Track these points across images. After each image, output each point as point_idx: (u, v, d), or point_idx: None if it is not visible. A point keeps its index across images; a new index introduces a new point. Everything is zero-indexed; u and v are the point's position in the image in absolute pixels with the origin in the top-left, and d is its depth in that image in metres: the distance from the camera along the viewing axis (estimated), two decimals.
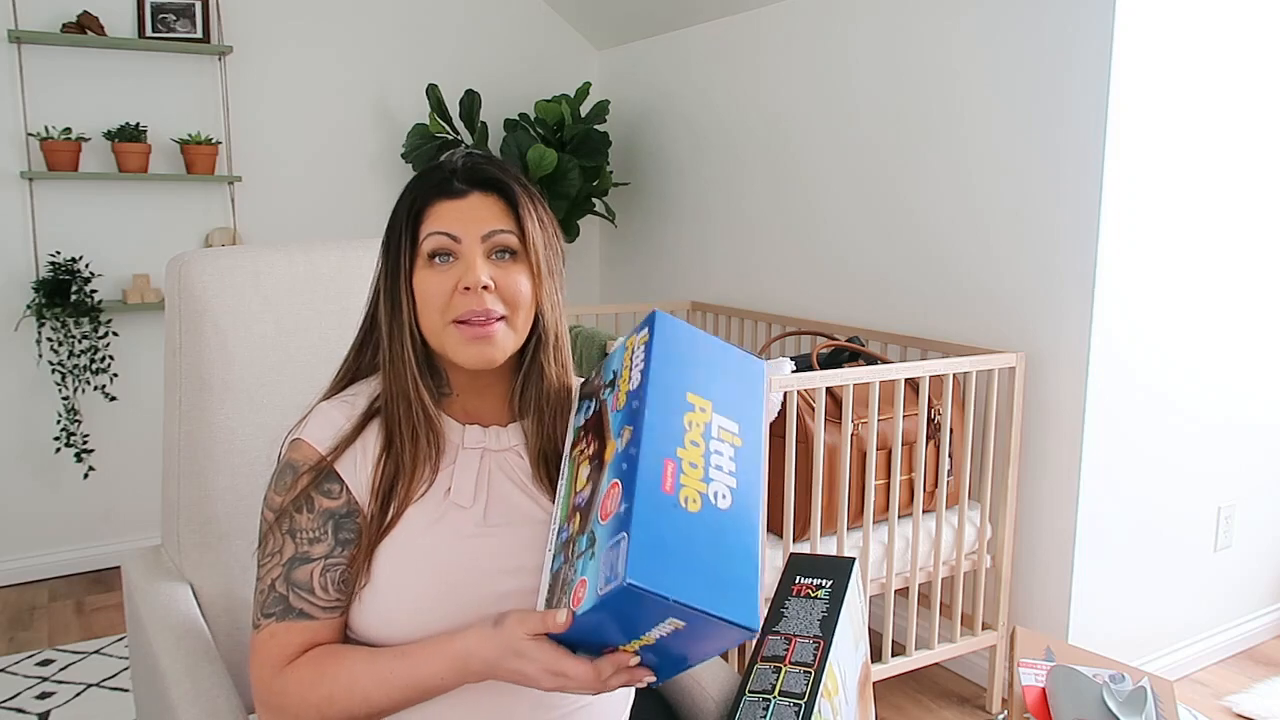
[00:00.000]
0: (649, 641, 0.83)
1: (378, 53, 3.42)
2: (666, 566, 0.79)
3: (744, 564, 0.84)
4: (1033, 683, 1.19)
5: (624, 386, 0.94)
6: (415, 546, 0.98)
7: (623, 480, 0.84)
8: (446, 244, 0.98)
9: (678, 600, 0.78)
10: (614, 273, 3.92)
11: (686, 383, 0.93)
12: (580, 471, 0.94)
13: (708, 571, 0.81)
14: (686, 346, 0.96)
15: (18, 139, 2.94)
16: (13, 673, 2.50)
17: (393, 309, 1.01)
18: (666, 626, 0.80)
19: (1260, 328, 2.50)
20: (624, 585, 0.76)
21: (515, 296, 0.99)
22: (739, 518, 0.86)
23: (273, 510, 1.01)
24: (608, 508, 0.84)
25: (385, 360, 1.02)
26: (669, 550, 0.80)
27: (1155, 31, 2.11)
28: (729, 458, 0.90)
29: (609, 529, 0.82)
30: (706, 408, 0.92)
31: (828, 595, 1.03)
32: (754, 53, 3.04)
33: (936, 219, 2.49)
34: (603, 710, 1.04)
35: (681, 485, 0.85)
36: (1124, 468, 2.29)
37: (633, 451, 0.85)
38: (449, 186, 1.01)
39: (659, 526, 0.81)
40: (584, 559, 0.84)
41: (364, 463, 1.00)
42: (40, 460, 3.08)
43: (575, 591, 0.83)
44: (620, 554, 0.78)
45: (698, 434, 0.90)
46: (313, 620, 0.97)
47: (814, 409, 2.06)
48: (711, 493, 0.86)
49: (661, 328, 0.96)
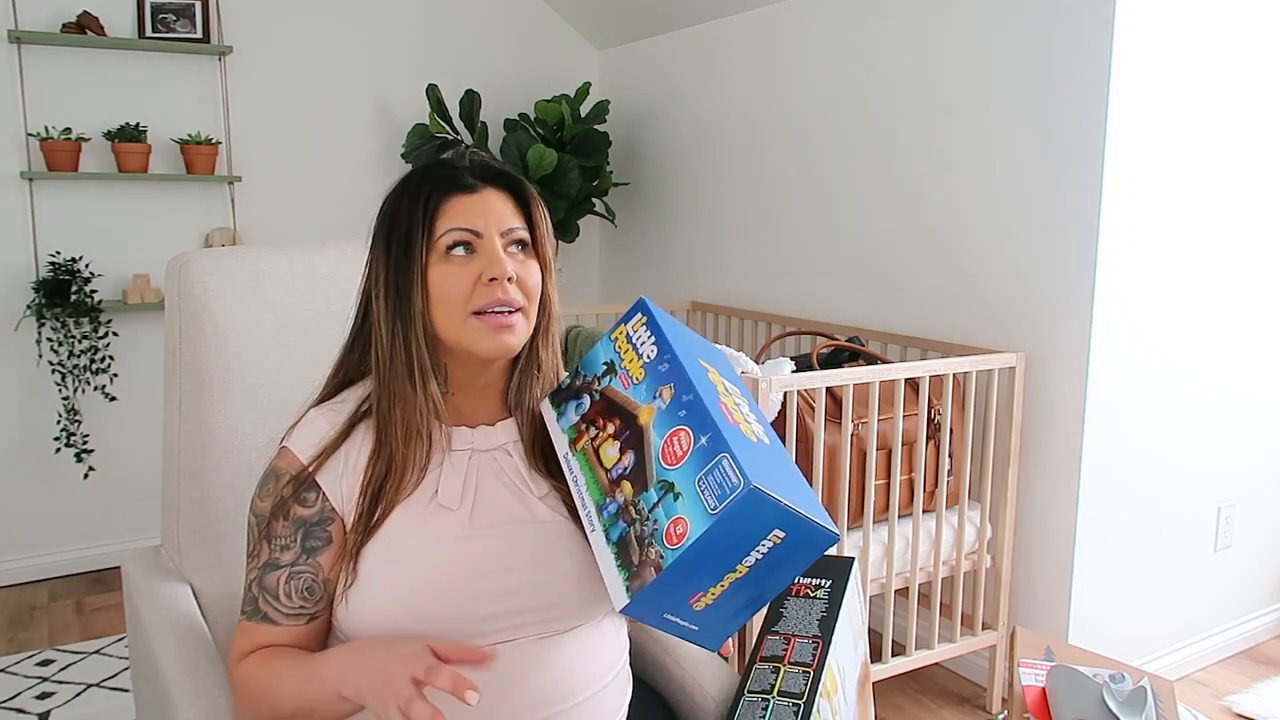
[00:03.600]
0: (741, 572, 0.85)
1: (378, 53, 3.42)
2: (769, 478, 0.83)
3: (806, 485, 0.91)
4: (1033, 683, 1.19)
5: (634, 364, 0.98)
6: (402, 549, 0.98)
7: (689, 423, 0.88)
8: (468, 238, 0.99)
9: (789, 505, 0.81)
10: (614, 273, 3.92)
11: (693, 350, 1.00)
12: (604, 452, 0.95)
13: (790, 487, 0.86)
14: (680, 326, 1.05)
15: (18, 139, 2.94)
16: (13, 673, 2.50)
17: (399, 304, 1.00)
18: (769, 542, 0.83)
19: (1260, 328, 2.50)
20: (749, 490, 0.79)
21: (530, 288, 1.02)
22: (786, 454, 0.95)
23: (255, 514, 1.03)
24: (677, 452, 0.87)
25: (383, 358, 1.01)
26: (761, 466, 0.84)
27: (1155, 31, 2.11)
28: (748, 410, 0.97)
29: (693, 464, 0.85)
30: (714, 370, 0.99)
31: (827, 595, 1.04)
32: (754, 53, 3.04)
33: (937, 219, 2.49)
34: (601, 708, 1.04)
35: (738, 422, 0.90)
36: (1124, 468, 2.29)
37: (687, 398, 0.89)
38: (462, 181, 1.02)
39: (746, 447, 0.85)
40: (664, 505, 0.86)
41: (347, 469, 1.01)
42: (40, 460, 3.08)
43: (668, 533, 0.84)
44: (727, 470, 0.82)
45: (722, 388, 0.96)
46: (276, 626, 1.01)
47: (814, 409, 2.06)
48: (756, 432, 0.92)
49: (655, 310, 1.03)
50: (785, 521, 0.82)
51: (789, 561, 0.86)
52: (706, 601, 0.87)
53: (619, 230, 3.82)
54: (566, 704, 1.00)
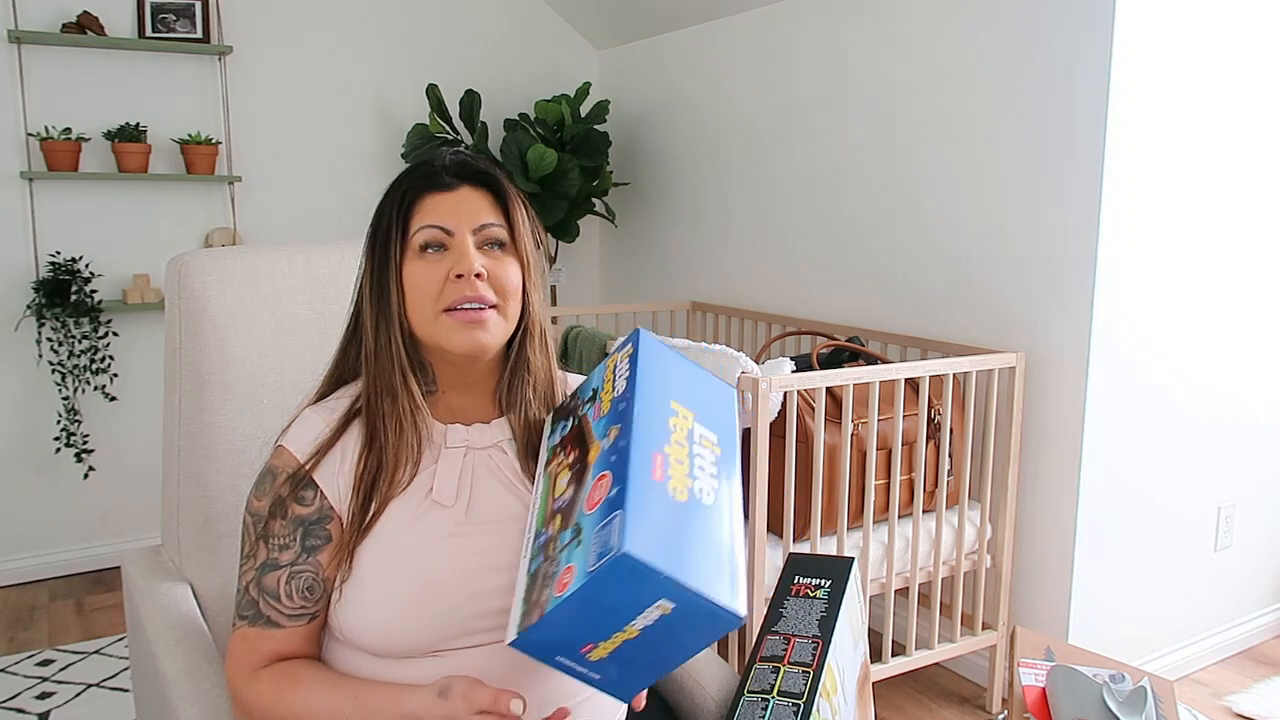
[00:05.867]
0: (631, 634, 0.81)
1: (378, 53, 3.42)
2: (660, 543, 0.78)
3: (731, 556, 0.84)
4: (1033, 683, 1.19)
5: (607, 396, 0.96)
6: (397, 546, 0.98)
7: (612, 469, 0.85)
8: (439, 236, 1.00)
9: (671, 576, 0.76)
10: (614, 273, 3.92)
11: (670, 391, 0.96)
12: (559, 480, 0.94)
13: (697, 556, 0.80)
14: (669, 362, 1.00)
15: (18, 139, 2.94)
16: (13, 673, 2.50)
17: (379, 302, 1.02)
18: (654, 611, 0.79)
19: (1260, 328, 2.50)
20: (620, 555, 0.75)
21: (505, 285, 1.02)
22: (724, 516, 0.87)
23: (251, 514, 1.03)
24: (595, 497, 0.84)
25: (370, 355, 1.02)
26: (661, 529, 0.80)
27: (1155, 31, 2.11)
28: (710, 462, 0.92)
29: (598, 514, 0.82)
30: (689, 415, 0.95)
31: (826, 595, 1.04)
32: (754, 53, 3.04)
33: (937, 219, 2.49)
34: (600, 708, 1.04)
35: (669, 476, 0.85)
36: (1124, 468, 2.29)
37: (622, 443, 0.86)
38: (438, 180, 1.02)
39: (651, 507, 0.81)
40: (569, 549, 0.83)
41: (342, 466, 1.01)
42: (40, 460, 3.08)
43: (560, 579, 0.81)
44: (614, 529, 0.78)
45: (682, 435, 0.91)
46: (279, 629, 1.00)
47: (814, 409, 2.06)
48: (697, 488, 0.87)
49: (645, 342, 0.99)
50: (671, 593, 0.77)
51: (687, 632, 0.81)
52: (599, 655, 0.83)
53: (619, 230, 3.82)
54: (565, 703, 1.00)
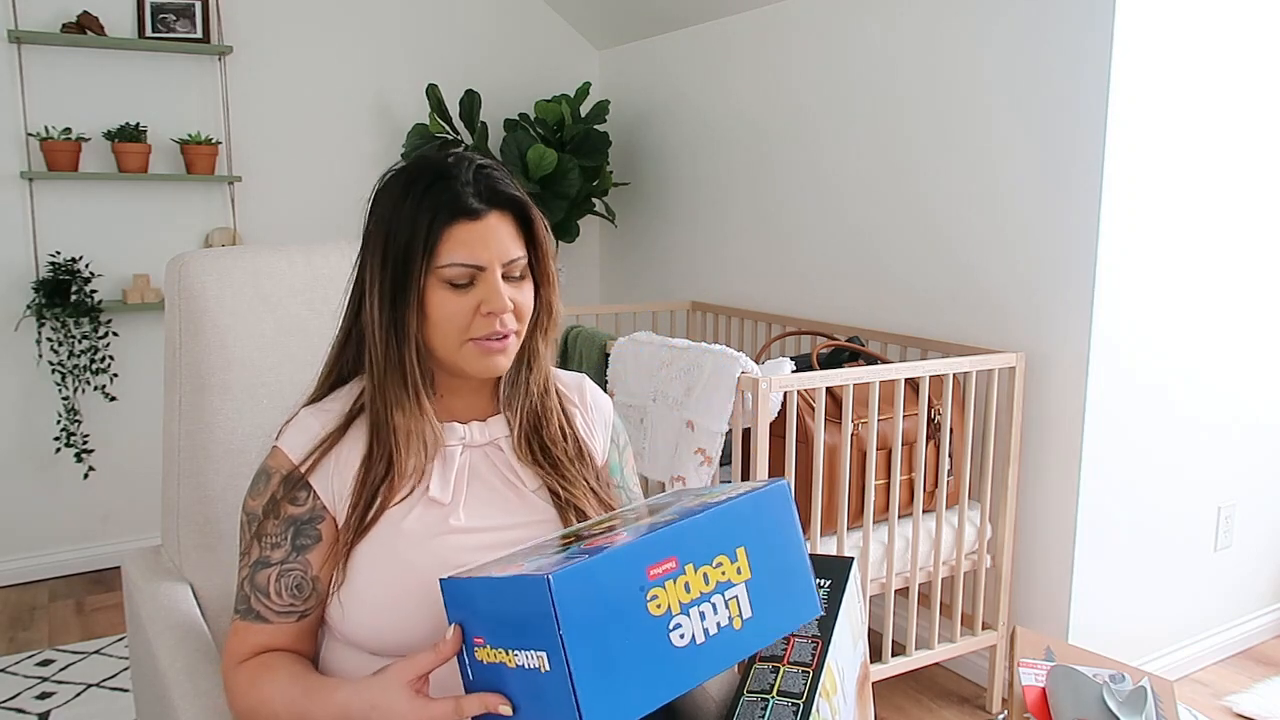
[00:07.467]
0: (510, 663, 0.78)
1: (378, 53, 3.42)
2: (592, 614, 0.74)
3: (652, 696, 0.77)
4: (1033, 683, 1.19)
5: (704, 499, 0.91)
6: (394, 545, 0.99)
7: (631, 534, 0.83)
8: (471, 274, 0.99)
9: (568, 635, 0.73)
10: (614, 273, 3.92)
11: (739, 542, 0.87)
12: (605, 521, 0.94)
13: (616, 661, 0.75)
14: (777, 532, 0.90)
15: (18, 139, 2.94)
16: (13, 673, 2.50)
17: (394, 318, 0.99)
18: (532, 658, 0.76)
19: (1260, 328, 2.50)
20: (543, 577, 0.73)
21: (524, 310, 1.04)
22: (685, 665, 0.80)
23: (247, 514, 1.04)
24: (598, 541, 0.83)
25: (378, 366, 1.01)
26: (607, 605, 0.76)
27: (1155, 31, 2.11)
28: (716, 624, 0.83)
29: (578, 550, 0.81)
30: (742, 570, 0.86)
31: (826, 595, 1.03)
32: (753, 52, 3.04)
33: (937, 219, 2.49)
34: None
35: (663, 584, 0.80)
36: (1124, 468, 2.29)
37: (654, 525, 0.84)
38: (466, 206, 0.98)
39: (616, 582, 0.77)
40: (539, 559, 0.83)
41: (339, 469, 1.01)
42: (40, 460, 3.08)
43: (509, 567, 0.82)
44: (569, 566, 0.75)
45: (715, 576, 0.84)
46: (268, 624, 1.01)
47: (814, 409, 2.06)
48: (675, 623, 0.80)
49: (778, 494, 0.91)
50: (556, 652, 0.73)
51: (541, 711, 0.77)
52: (483, 657, 0.82)
53: (619, 230, 3.82)
54: None
